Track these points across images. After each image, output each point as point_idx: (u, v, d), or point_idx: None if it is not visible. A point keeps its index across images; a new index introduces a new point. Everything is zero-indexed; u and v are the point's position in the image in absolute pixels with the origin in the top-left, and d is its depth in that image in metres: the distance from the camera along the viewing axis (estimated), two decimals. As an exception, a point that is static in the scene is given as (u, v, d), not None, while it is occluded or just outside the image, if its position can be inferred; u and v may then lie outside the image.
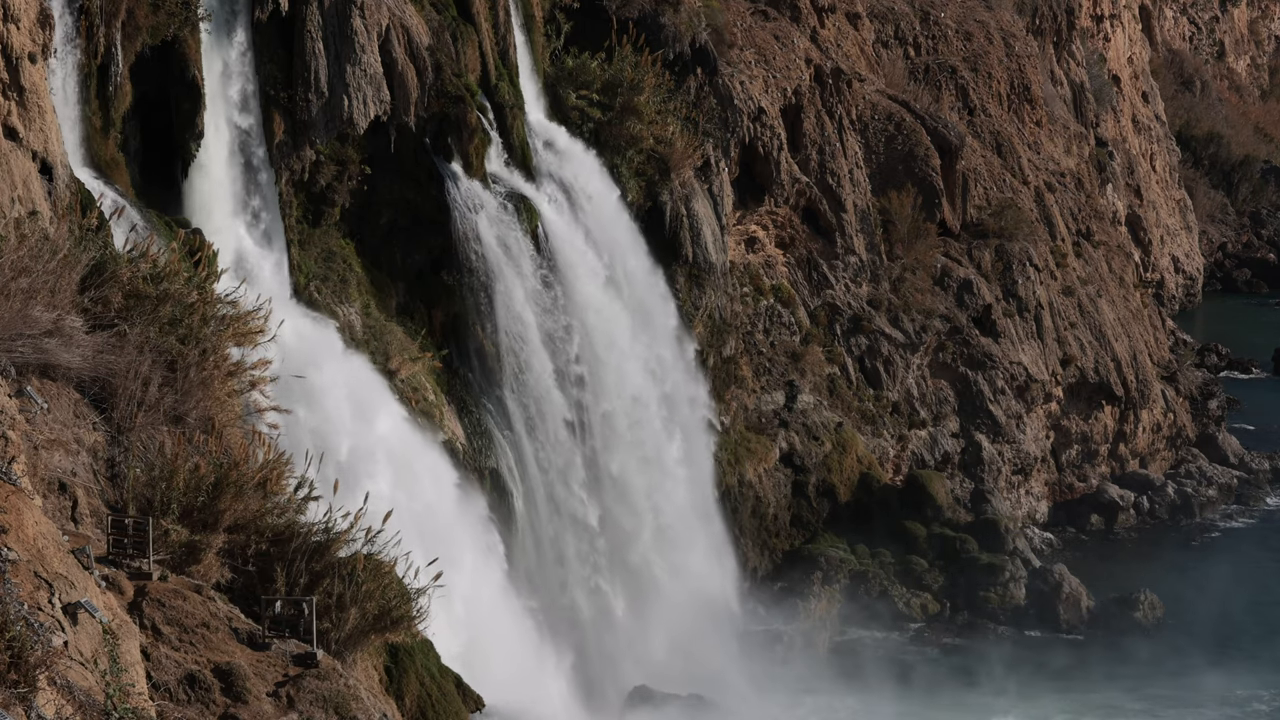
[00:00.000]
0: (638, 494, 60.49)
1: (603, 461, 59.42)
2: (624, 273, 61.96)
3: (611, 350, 60.31)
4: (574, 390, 58.73)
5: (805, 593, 65.34)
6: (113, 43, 47.57)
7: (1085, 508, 78.68)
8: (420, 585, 35.47)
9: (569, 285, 59.06)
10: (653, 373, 62.13)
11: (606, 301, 60.60)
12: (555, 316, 58.53)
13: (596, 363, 59.53)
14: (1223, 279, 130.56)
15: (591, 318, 59.64)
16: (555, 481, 57.84)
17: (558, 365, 58.30)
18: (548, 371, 57.89)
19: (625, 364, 60.70)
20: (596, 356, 59.58)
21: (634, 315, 61.95)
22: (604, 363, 59.80)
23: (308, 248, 54.51)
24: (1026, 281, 78.60)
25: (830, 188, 74.02)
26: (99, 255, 37.14)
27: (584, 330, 59.20)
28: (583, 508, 58.34)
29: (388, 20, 54.99)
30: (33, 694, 21.97)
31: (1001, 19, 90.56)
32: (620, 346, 60.72)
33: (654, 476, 61.10)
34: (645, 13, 67.17)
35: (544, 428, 57.68)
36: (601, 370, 59.63)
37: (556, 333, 58.51)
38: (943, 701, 59.83)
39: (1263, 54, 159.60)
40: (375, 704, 31.53)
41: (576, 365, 58.90)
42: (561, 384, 58.25)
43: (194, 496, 33.01)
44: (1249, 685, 61.81)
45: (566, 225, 59.83)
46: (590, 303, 59.72)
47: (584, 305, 59.43)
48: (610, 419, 59.70)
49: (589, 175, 62.06)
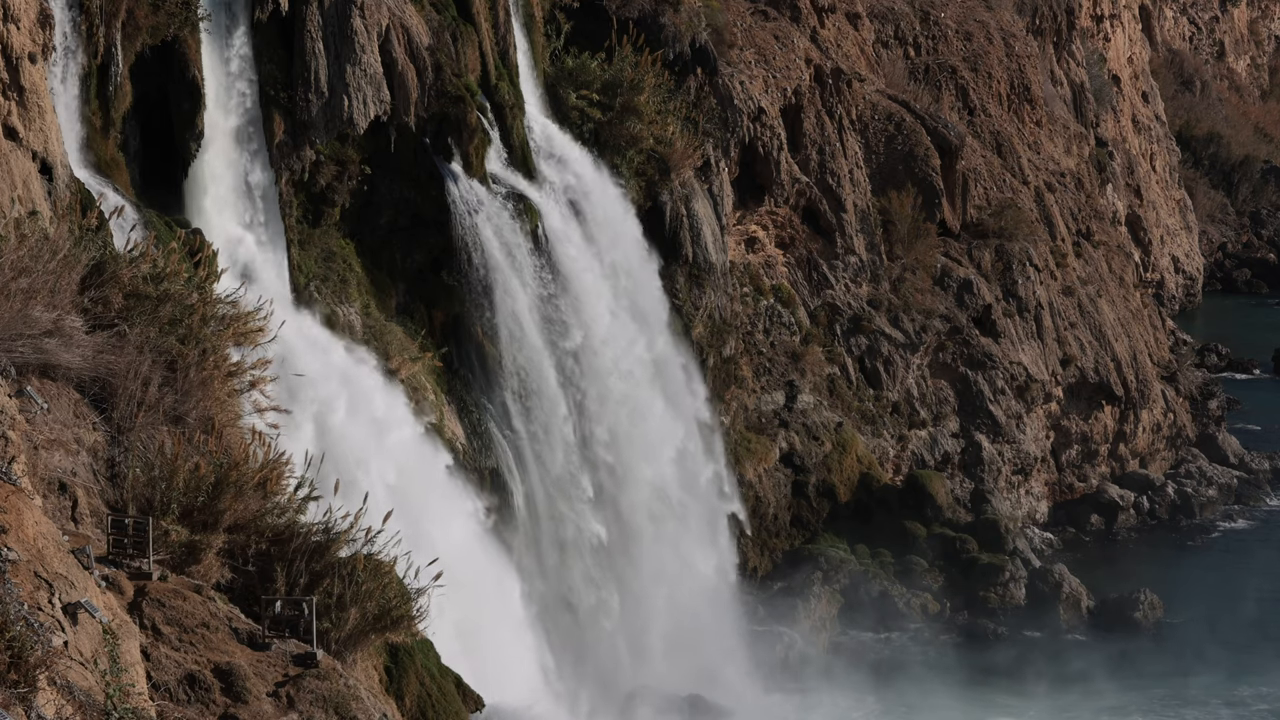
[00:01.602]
0: (638, 493, 60.48)
1: (603, 460, 59.41)
2: (624, 273, 61.95)
3: (611, 350, 60.30)
4: (574, 390, 58.73)
5: (805, 593, 65.33)
6: (113, 43, 47.56)
7: (1085, 508, 78.66)
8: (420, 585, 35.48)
9: (569, 285, 59.06)
10: (653, 372, 62.12)
11: (606, 301, 60.58)
12: (555, 316, 58.53)
13: (596, 362, 59.53)
14: (1223, 279, 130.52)
15: (591, 317, 59.63)
16: (555, 481, 57.84)
17: (558, 365, 58.30)
18: (548, 371, 57.89)
19: (625, 364, 60.69)
20: (596, 356, 59.58)
21: (634, 315, 61.94)
22: (604, 362, 59.79)
23: (308, 248, 54.51)
24: (1026, 281, 78.59)
25: (830, 188, 74.02)
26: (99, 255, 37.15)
27: (584, 330, 59.21)
28: (583, 507, 58.33)
29: (388, 20, 55.00)
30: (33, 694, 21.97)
31: (1001, 19, 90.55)
32: (620, 346, 60.71)
33: (654, 476, 61.08)
34: (645, 13, 67.17)
35: (544, 427, 57.67)
36: (601, 370, 59.62)
37: (556, 332, 58.52)
38: (942, 702, 59.82)
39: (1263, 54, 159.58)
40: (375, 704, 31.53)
41: (576, 365, 58.91)
42: (561, 383, 58.26)
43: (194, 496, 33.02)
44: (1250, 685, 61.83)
45: (566, 225, 59.83)
46: (590, 302, 59.71)
47: (584, 305, 59.42)
48: (610, 417, 59.69)
49: (589, 175, 62.06)
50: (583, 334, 59.13)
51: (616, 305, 61.12)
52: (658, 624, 59.72)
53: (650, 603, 59.98)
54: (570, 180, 61.04)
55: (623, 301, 61.51)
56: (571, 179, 61.12)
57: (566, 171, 61.19)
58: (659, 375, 62.38)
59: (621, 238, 62.63)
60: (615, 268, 61.45)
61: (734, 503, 66.44)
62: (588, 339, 59.34)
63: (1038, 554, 72.08)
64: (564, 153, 61.73)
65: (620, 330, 60.94)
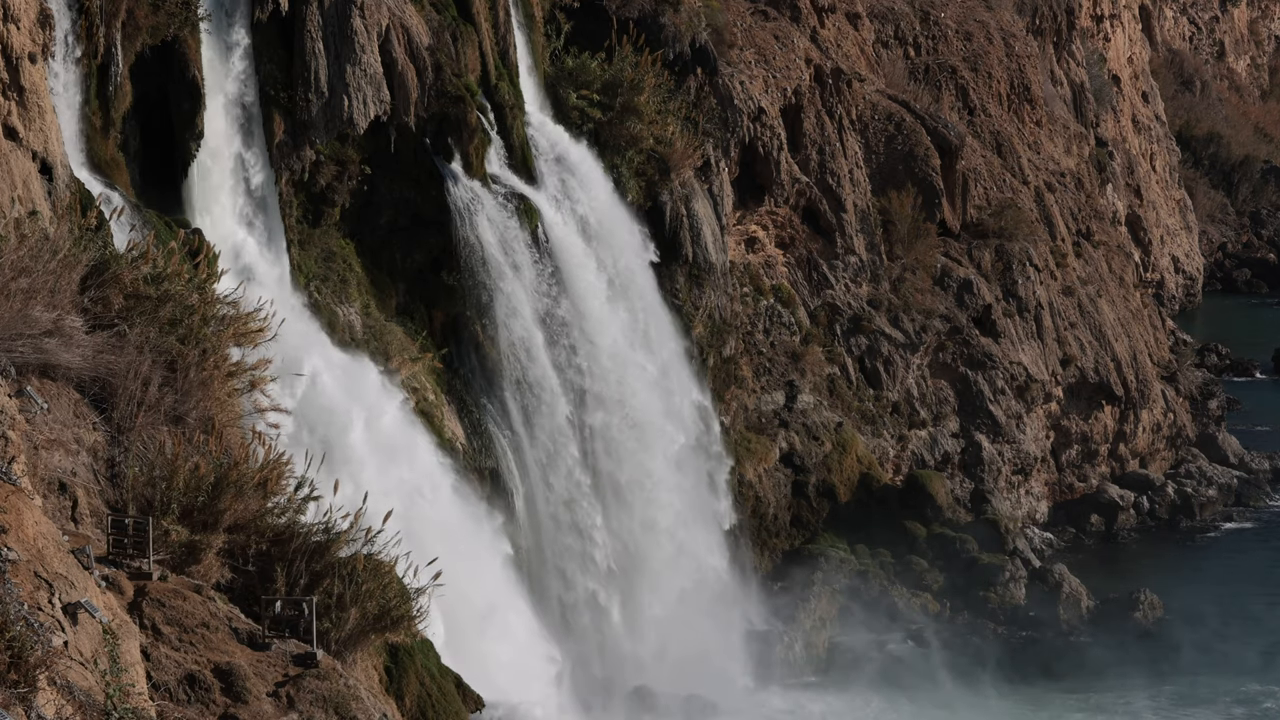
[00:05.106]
0: (638, 493, 60.48)
1: (603, 461, 59.42)
2: (624, 273, 61.96)
3: (611, 350, 60.31)
4: (574, 389, 58.73)
5: (805, 593, 65.30)
6: (113, 43, 47.56)
7: (1085, 508, 78.64)
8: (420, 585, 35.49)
9: (569, 285, 59.07)
10: (652, 372, 62.12)
11: (606, 301, 60.60)
12: (555, 316, 58.53)
13: (596, 362, 59.54)
14: (1223, 279, 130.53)
15: (591, 317, 59.64)
16: (555, 481, 57.84)
17: (557, 365, 58.31)
18: (548, 371, 57.89)
19: (625, 363, 60.70)
20: (596, 356, 59.59)
21: (634, 315, 61.95)
22: (604, 362, 59.80)
23: (308, 248, 54.52)
24: (1026, 281, 78.59)
25: (830, 188, 74.02)
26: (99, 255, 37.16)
27: (584, 329, 59.21)
28: (583, 507, 58.33)
29: (388, 20, 55.00)
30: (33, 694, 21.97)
31: (1001, 19, 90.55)
32: (620, 346, 60.72)
33: (654, 475, 61.08)
34: (645, 13, 67.17)
35: (544, 427, 57.67)
36: (601, 369, 59.63)
37: (556, 332, 58.52)
38: (942, 702, 59.83)
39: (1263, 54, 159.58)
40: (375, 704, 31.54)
41: (576, 364, 58.91)
42: (561, 383, 58.27)
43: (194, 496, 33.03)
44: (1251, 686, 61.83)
45: (566, 225, 59.85)
46: (590, 302, 59.73)
47: (584, 305, 59.43)
48: (610, 418, 59.70)
49: (589, 175, 62.06)
50: (582, 333, 59.12)
51: (616, 305, 61.12)
52: (658, 624, 59.70)
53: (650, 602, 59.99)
54: (570, 180, 61.04)
55: (622, 302, 61.51)
56: (571, 179, 61.12)
57: (566, 171, 61.18)
58: (659, 375, 62.37)
59: (621, 238, 62.64)
60: (615, 268, 61.45)
61: (734, 502, 66.42)
62: (587, 338, 59.34)
63: (1038, 554, 72.07)
64: (564, 153, 61.72)
65: (620, 330, 60.93)
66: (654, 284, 63.88)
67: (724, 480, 65.80)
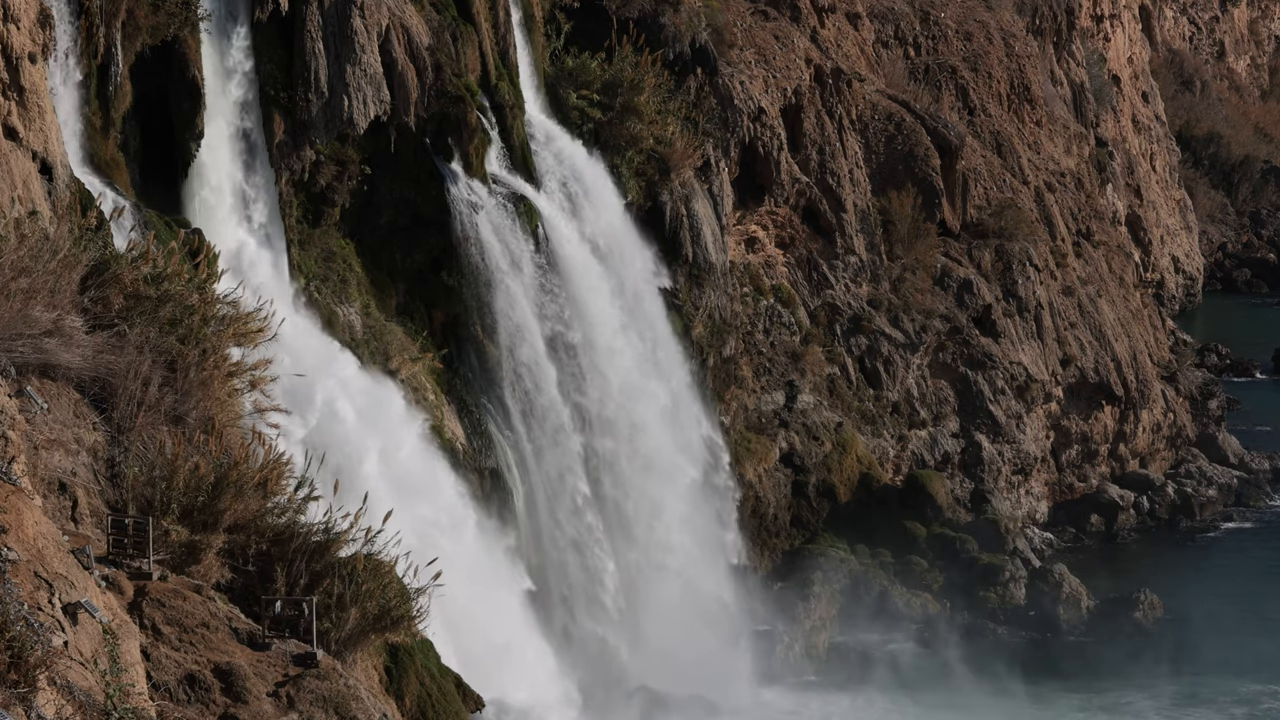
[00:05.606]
0: (638, 493, 60.48)
1: (603, 461, 59.42)
2: (624, 272, 61.97)
3: (611, 349, 60.32)
4: (574, 389, 58.74)
5: (805, 593, 65.29)
6: (113, 43, 47.55)
7: (1085, 508, 78.62)
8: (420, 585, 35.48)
9: (569, 285, 59.07)
10: (652, 372, 62.13)
11: (606, 301, 60.60)
12: (555, 316, 58.53)
13: (596, 362, 59.54)
14: (1223, 279, 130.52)
15: (591, 317, 59.64)
16: (555, 481, 57.84)
17: (557, 364, 58.32)
18: (547, 371, 57.91)
19: (625, 363, 60.70)
20: (596, 355, 59.60)
21: (634, 315, 61.96)
22: (603, 362, 59.80)
23: (308, 248, 54.51)
24: (1026, 281, 78.58)
25: (830, 188, 74.01)
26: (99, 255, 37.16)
27: (584, 329, 59.22)
28: (583, 507, 58.32)
29: (388, 20, 54.99)
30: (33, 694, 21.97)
31: (1001, 19, 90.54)
32: (620, 345, 60.73)
33: (654, 475, 61.08)
34: (645, 13, 67.17)
35: (544, 427, 57.68)
36: (601, 369, 59.63)
37: (556, 332, 58.52)
38: (942, 702, 59.82)
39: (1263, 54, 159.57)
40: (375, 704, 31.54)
41: (576, 364, 58.92)
42: (561, 383, 58.27)
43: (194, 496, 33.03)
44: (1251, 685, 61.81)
45: (566, 225, 59.85)
46: (590, 302, 59.73)
47: (583, 305, 59.43)
48: (610, 418, 59.70)
49: (589, 175, 62.06)
50: (582, 333, 59.13)
51: (616, 305, 61.13)
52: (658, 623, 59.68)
53: (650, 602, 59.97)
54: (570, 180, 61.04)
55: (622, 301, 61.52)
56: (572, 179, 61.12)
57: (567, 171, 61.18)
58: (659, 375, 62.38)
59: (621, 237, 62.64)
60: (615, 267, 61.45)
61: (734, 502, 66.43)
62: (587, 338, 59.35)
63: (1038, 554, 72.06)
64: (564, 153, 61.73)
65: (620, 330, 60.94)
66: (653, 283, 63.93)
67: (724, 479, 65.77)
